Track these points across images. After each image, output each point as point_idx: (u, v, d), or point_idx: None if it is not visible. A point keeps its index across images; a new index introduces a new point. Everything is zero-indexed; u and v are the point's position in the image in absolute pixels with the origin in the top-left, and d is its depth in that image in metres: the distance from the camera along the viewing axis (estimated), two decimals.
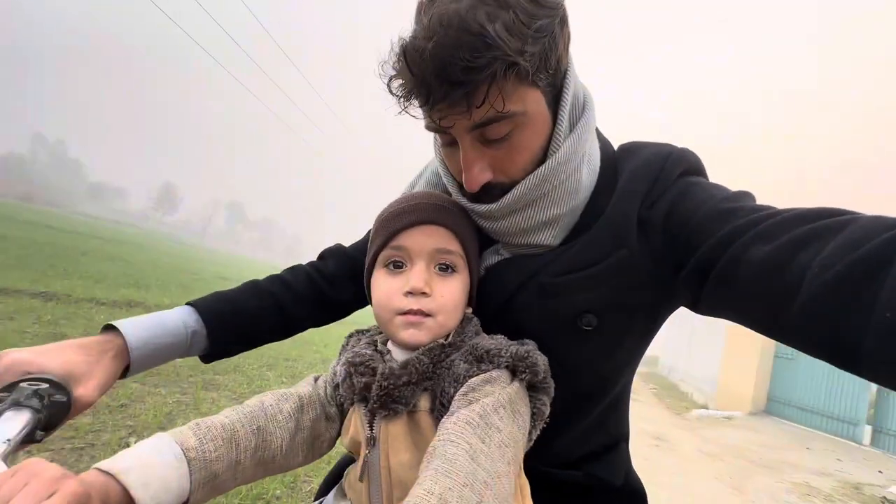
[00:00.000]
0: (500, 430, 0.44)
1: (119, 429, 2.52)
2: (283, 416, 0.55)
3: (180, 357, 0.66)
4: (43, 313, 4.49)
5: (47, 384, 0.47)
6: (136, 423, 2.64)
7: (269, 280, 0.77)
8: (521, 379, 0.51)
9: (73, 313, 4.80)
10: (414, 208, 0.58)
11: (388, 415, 0.51)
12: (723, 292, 0.47)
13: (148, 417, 2.72)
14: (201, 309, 0.67)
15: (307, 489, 2.38)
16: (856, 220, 0.39)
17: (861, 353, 0.34)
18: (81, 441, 2.30)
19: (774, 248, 0.42)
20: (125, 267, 10.48)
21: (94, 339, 0.56)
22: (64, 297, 5.42)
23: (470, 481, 0.37)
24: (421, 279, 0.54)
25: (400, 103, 0.51)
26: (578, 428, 0.64)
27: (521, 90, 0.50)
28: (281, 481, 2.35)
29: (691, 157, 0.61)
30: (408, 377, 0.51)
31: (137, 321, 0.60)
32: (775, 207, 0.48)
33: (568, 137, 0.56)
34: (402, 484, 0.50)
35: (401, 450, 0.50)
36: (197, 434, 0.47)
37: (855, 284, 0.34)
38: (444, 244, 0.57)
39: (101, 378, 0.53)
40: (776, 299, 0.41)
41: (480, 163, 0.54)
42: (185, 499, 0.44)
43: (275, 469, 0.55)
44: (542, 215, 0.57)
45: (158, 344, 0.60)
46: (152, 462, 0.41)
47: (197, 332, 0.65)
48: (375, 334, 0.64)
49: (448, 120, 0.50)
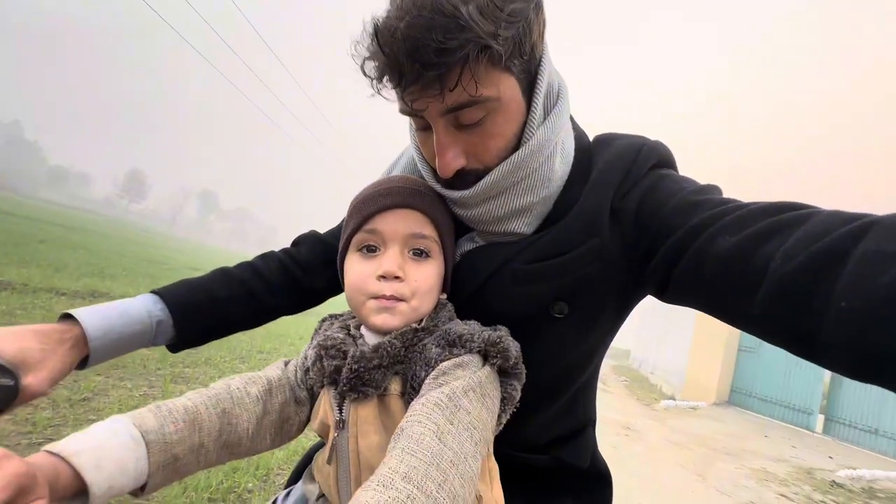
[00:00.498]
0: (469, 412, 0.44)
1: (81, 423, 2.41)
2: (250, 400, 0.54)
3: (144, 347, 0.63)
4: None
5: None
6: (99, 417, 2.53)
7: (239, 267, 0.75)
8: (493, 364, 0.51)
9: (29, 303, 4.55)
10: (388, 192, 0.57)
11: (357, 398, 0.51)
12: (689, 282, 0.49)
13: (113, 411, 2.61)
14: (167, 297, 0.64)
15: (280, 482, 2.35)
16: (817, 213, 0.41)
17: (818, 342, 0.35)
18: (39, 436, 2.19)
19: (739, 239, 0.43)
20: (88, 256, 9.99)
21: (52, 327, 0.53)
22: (20, 286, 5.12)
23: (436, 461, 0.37)
24: (394, 263, 0.54)
25: (373, 85, 0.50)
26: (547, 413, 0.65)
27: (494, 75, 0.49)
28: (253, 474, 2.30)
29: (663, 150, 0.62)
30: (379, 360, 0.51)
31: (97, 309, 0.57)
32: (741, 201, 0.50)
33: (542, 125, 0.56)
34: (370, 467, 0.49)
35: (370, 432, 0.50)
36: (157, 416, 0.45)
37: (815, 274, 0.36)
38: (418, 228, 0.56)
39: (55, 368, 0.51)
40: (741, 289, 0.42)
41: (454, 148, 0.54)
42: (144, 482, 0.42)
43: (241, 453, 0.54)
44: (516, 203, 0.58)
45: (121, 333, 0.58)
46: (107, 444, 0.40)
47: (163, 322, 0.63)
48: (348, 319, 0.63)
49: (421, 103, 0.50)
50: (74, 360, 0.54)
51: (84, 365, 0.57)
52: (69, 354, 0.53)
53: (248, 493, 2.17)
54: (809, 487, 4.62)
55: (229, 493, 2.10)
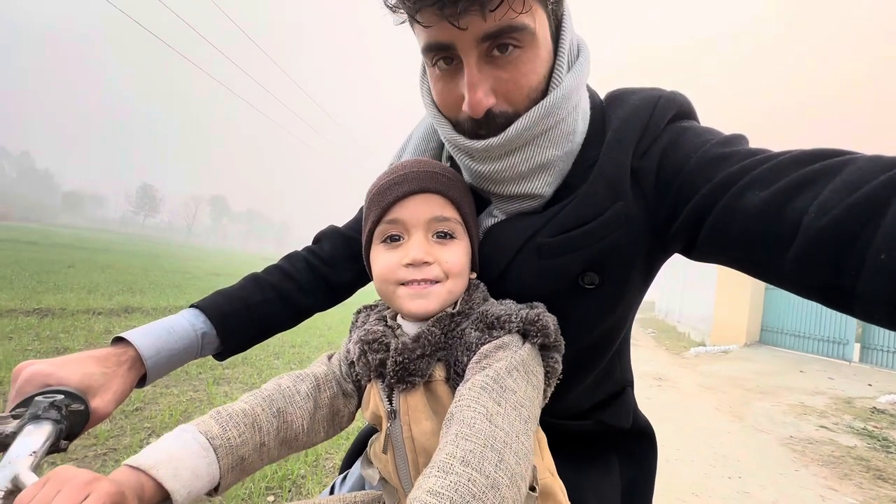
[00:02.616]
0: (515, 392, 0.45)
1: (138, 431, 2.57)
2: (300, 397, 0.57)
3: (193, 359, 0.66)
4: (41, 329, 4.45)
5: (62, 395, 0.47)
6: (153, 424, 2.68)
7: (268, 271, 0.76)
8: (534, 343, 0.52)
9: (70, 326, 4.76)
10: (404, 178, 0.56)
11: (405, 388, 0.52)
12: (718, 240, 0.47)
13: (164, 417, 2.76)
14: (207, 310, 0.67)
15: (329, 465, 2.47)
16: (853, 160, 0.39)
17: (855, 294, 0.35)
18: (103, 447, 2.34)
19: (770, 193, 0.42)
20: (115, 274, 10.33)
21: (110, 351, 0.56)
22: (59, 311, 5.36)
23: (490, 442, 0.39)
24: (421, 249, 0.54)
25: (406, 6, 0.48)
26: (587, 380, 0.66)
27: (532, 3, 0.49)
28: (304, 461, 2.43)
29: (681, 100, 0.59)
30: (421, 350, 0.52)
31: (146, 330, 0.60)
32: (770, 150, 0.48)
33: (568, 74, 0.56)
34: (425, 451, 0.51)
35: (421, 419, 0.52)
36: (219, 422, 0.48)
37: (852, 227, 0.35)
38: (439, 211, 0.55)
39: (118, 389, 0.54)
40: (772, 246, 0.41)
41: (485, 85, 0.52)
42: (216, 484, 0.45)
43: (299, 447, 0.57)
44: (540, 156, 0.56)
45: (171, 349, 0.61)
46: (180, 454, 0.42)
47: (207, 334, 0.66)
48: (383, 309, 0.64)
49: (463, 21, 0.47)
50: (134, 380, 0.57)
51: (143, 383, 0.60)
52: (128, 375, 0.56)
53: (301, 478, 2.29)
54: (850, 416, 4.61)
55: (284, 480, 2.22)
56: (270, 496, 2.11)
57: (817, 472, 3.21)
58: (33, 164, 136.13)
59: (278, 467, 2.30)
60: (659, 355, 8.47)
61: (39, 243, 18.44)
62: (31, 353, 3.69)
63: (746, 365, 7.46)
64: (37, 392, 0.47)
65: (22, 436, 0.42)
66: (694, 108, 0.61)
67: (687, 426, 4.09)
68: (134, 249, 25.98)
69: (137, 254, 21.68)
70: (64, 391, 0.48)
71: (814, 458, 3.47)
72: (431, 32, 0.50)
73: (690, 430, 3.99)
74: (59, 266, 10.35)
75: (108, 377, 0.53)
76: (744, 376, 6.53)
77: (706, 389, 5.67)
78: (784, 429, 4.20)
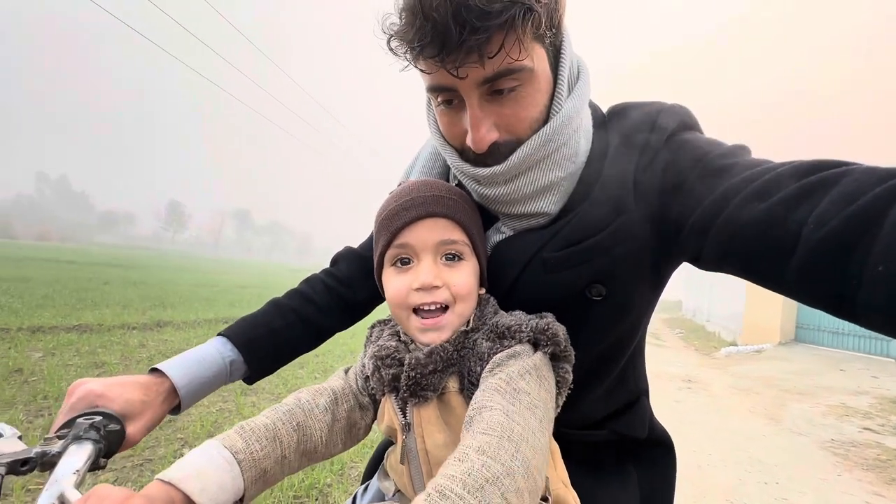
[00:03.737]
0: (529, 394, 0.46)
1: (171, 442, 2.67)
2: (319, 411, 0.59)
3: (224, 385, 0.70)
4: (80, 345, 4.68)
5: (101, 416, 0.51)
6: (186, 434, 2.78)
7: (288, 296, 0.80)
8: (545, 351, 0.53)
9: (108, 341, 4.99)
10: (411, 203, 0.57)
11: (418, 402, 0.54)
12: (722, 251, 0.48)
13: (196, 428, 2.86)
14: (233, 338, 0.70)
15: (354, 474, 2.50)
16: (850, 172, 0.39)
17: (857, 304, 0.35)
18: (139, 458, 2.44)
19: (770, 205, 0.42)
20: (147, 290, 10.77)
21: (150, 379, 0.61)
22: (96, 326, 5.62)
23: (507, 434, 0.40)
24: (430, 273, 0.55)
25: (406, 57, 0.50)
26: (599, 390, 0.66)
27: (530, 43, 0.50)
28: (330, 470, 2.47)
29: (682, 112, 0.60)
30: (433, 365, 0.53)
31: (179, 361, 0.64)
32: (771, 161, 0.48)
33: (568, 98, 0.57)
34: (440, 463, 0.52)
35: (434, 432, 0.53)
36: (243, 437, 0.50)
37: (850, 239, 0.35)
38: (446, 235, 0.56)
39: (151, 418, 0.58)
40: (774, 256, 0.41)
41: (488, 121, 0.54)
42: (241, 495, 0.48)
43: (318, 458, 0.59)
44: (544, 179, 0.58)
45: (202, 378, 0.65)
46: (206, 468, 0.45)
47: (234, 361, 0.69)
48: (397, 324, 0.65)
49: (462, 71, 0.49)
50: (167, 410, 0.62)
51: (177, 411, 0.64)
52: (163, 406, 0.60)
53: (328, 486, 2.33)
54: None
55: (311, 489, 2.27)
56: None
57: (862, 477, 3.05)
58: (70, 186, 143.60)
59: (305, 476, 2.34)
60: (688, 356, 8.23)
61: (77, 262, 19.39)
62: (72, 368, 3.89)
63: (782, 364, 7.16)
64: (79, 414, 0.51)
65: (66, 455, 0.46)
66: (695, 119, 0.61)
67: (719, 430, 3.95)
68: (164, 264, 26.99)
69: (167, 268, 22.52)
70: (103, 413, 0.52)
71: (857, 462, 3.31)
72: (434, 77, 0.52)
73: (723, 433, 3.85)
74: (96, 283, 10.86)
75: (146, 405, 0.57)
76: (779, 376, 6.27)
77: (739, 391, 5.48)
78: (824, 431, 4.01)
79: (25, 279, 10.10)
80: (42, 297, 7.63)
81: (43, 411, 2.92)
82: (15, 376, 3.52)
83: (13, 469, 0.43)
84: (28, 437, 2.49)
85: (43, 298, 7.45)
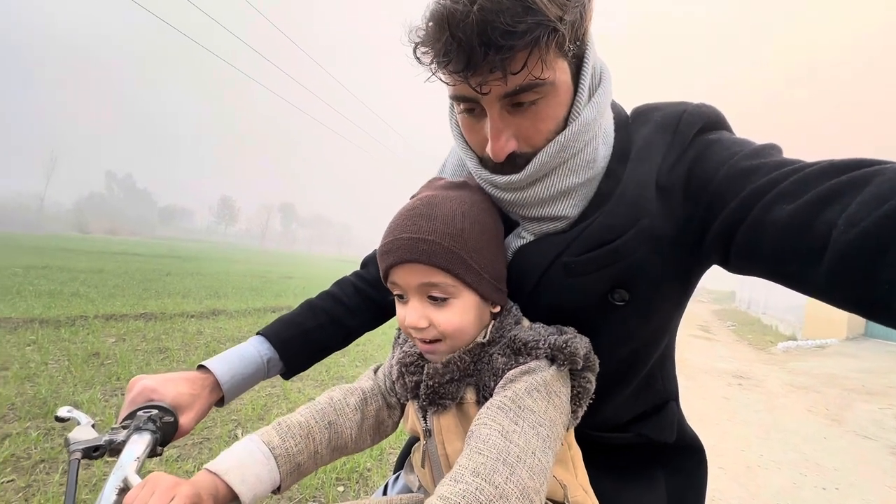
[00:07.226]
0: (534, 412, 0.47)
1: (226, 423, 2.89)
2: (349, 410, 0.63)
3: (263, 380, 0.77)
4: (147, 332, 5.13)
5: (157, 409, 0.58)
6: (239, 416, 3.00)
7: (321, 297, 0.85)
8: (561, 368, 0.53)
9: (169, 328, 5.44)
10: (392, 247, 0.55)
11: (437, 410, 0.57)
12: (751, 254, 0.47)
13: (248, 411, 3.08)
14: (270, 337, 0.77)
15: (392, 460, 2.61)
16: (882, 171, 0.38)
17: (891, 308, 0.34)
18: (199, 437, 2.67)
19: (798, 206, 0.41)
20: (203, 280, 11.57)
21: (196, 375, 0.68)
22: (160, 315, 6.13)
23: (502, 456, 0.41)
24: (415, 314, 0.55)
25: (430, 68, 0.51)
26: (625, 393, 0.66)
27: (553, 59, 0.50)
28: (370, 455, 2.59)
29: (708, 111, 0.58)
30: (450, 375, 0.55)
31: (222, 359, 0.71)
32: (801, 161, 0.46)
33: (587, 105, 0.56)
34: None
35: (453, 439, 0.56)
36: (279, 433, 0.55)
37: (882, 241, 0.34)
38: (427, 278, 0.54)
39: (200, 410, 0.65)
40: (804, 260, 0.40)
41: (507, 132, 0.55)
42: (277, 485, 0.53)
43: (348, 452, 0.64)
44: (561, 185, 0.58)
45: (243, 374, 0.71)
46: (247, 461, 0.50)
47: (272, 359, 0.76)
48: None
49: (484, 87, 0.50)
50: (213, 402, 0.69)
51: (221, 403, 0.71)
52: (209, 399, 0.67)
53: (368, 471, 2.45)
54: None
55: (352, 472, 2.39)
56: (340, 486, 2.29)
57: None
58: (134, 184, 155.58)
59: (346, 460, 2.47)
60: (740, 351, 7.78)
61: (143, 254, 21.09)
62: (140, 353, 4.28)
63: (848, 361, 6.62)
64: (139, 407, 0.58)
65: (129, 444, 0.52)
66: (723, 118, 0.59)
67: (772, 429, 3.73)
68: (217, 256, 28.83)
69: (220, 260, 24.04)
70: (159, 406, 0.59)
71: None
72: (457, 88, 0.53)
73: (777, 433, 3.64)
74: (159, 274, 11.79)
75: (195, 398, 0.64)
76: (844, 374, 5.81)
77: (797, 389, 5.14)
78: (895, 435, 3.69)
79: (99, 270, 11.15)
80: (113, 286, 8.39)
81: (117, 391, 3.25)
82: (93, 359, 3.92)
83: (87, 454, 0.50)
84: (106, 414, 2.78)
85: (114, 288, 8.19)
